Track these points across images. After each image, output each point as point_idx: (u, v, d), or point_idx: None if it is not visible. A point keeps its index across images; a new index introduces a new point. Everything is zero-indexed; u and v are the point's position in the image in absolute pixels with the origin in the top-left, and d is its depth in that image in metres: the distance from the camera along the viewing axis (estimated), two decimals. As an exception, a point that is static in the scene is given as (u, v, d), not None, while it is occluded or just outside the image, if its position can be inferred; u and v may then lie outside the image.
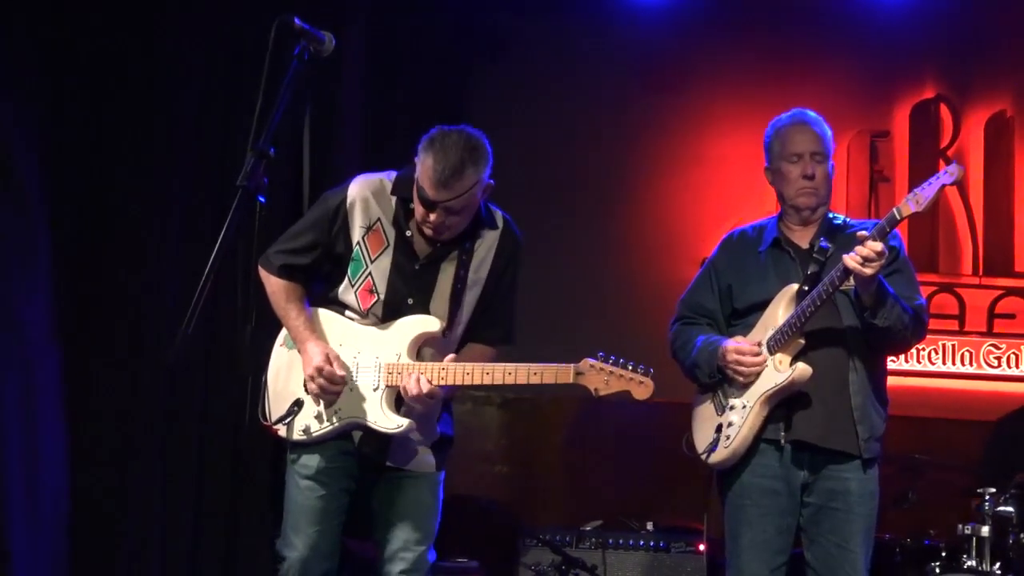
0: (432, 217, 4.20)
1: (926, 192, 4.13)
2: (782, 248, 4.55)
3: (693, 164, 6.67)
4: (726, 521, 4.54)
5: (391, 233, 4.33)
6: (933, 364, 6.57)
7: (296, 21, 3.77)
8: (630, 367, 4.22)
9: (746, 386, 4.41)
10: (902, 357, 6.31)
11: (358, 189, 4.36)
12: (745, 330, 4.51)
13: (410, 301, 4.33)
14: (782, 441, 4.40)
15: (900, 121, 6.73)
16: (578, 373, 4.26)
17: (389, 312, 4.33)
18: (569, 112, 6.65)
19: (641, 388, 4.21)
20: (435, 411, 4.40)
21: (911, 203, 4.15)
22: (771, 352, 4.38)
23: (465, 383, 4.28)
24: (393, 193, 4.34)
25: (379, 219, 4.33)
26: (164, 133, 5.66)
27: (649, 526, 5.84)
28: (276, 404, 4.36)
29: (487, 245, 4.40)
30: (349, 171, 5.35)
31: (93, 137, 5.58)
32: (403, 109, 6.17)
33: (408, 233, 4.32)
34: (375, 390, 4.28)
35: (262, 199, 3.58)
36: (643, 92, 6.68)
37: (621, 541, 5.75)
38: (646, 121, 6.68)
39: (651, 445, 6.11)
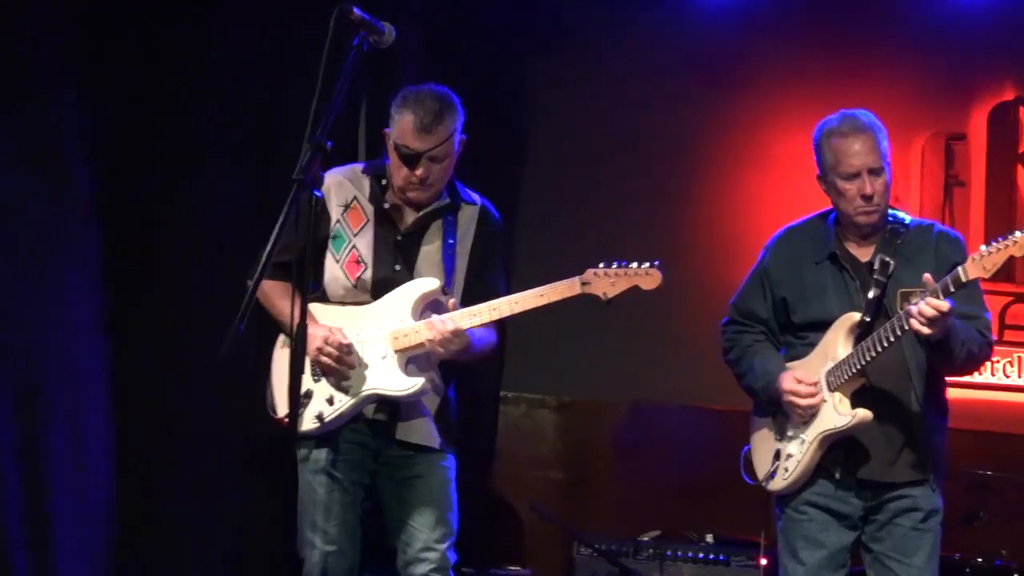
0: (418, 172, 4.41)
1: (995, 258, 4.01)
2: (840, 264, 4.47)
3: (755, 164, 6.60)
4: (782, 535, 4.53)
5: (369, 208, 4.54)
6: (1008, 377, 6.48)
7: (356, 11, 3.79)
8: (634, 264, 4.28)
9: (805, 420, 4.40)
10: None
11: (330, 177, 4.54)
12: (804, 349, 4.49)
13: (397, 267, 4.51)
14: (837, 475, 4.40)
15: (977, 124, 6.61)
16: (584, 283, 4.34)
17: (378, 283, 4.50)
18: (627, 107, 6.61)
19: (648, 279, 4.29)
20: (437, 380, 4.50)
21: (979, 267, 4.01)
22: (830, 388, 4.36)
23: (474, 324, 4.38)
24: (365, 173, 4.59)
25: (355, 196, 4.55)
26: (216, 122, 5.66)
27: (708, 538, 5.82)
28: (283, 399, 4.41)
29: (467, 218, 4.58)
30: None
31: (143, 127, 5.59)
32: (464, 98, 6.20)
33: (386, 205, 4.52)
34: (384, 358, 4.40)
35: (318, 193, 3.62)
36: (705, 89, 6.62)
37: (679, 553, 5.73)
38: (707, 119, 6.63)
39: (710, 452, 6.10)
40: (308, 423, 4.42)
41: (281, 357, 4.54)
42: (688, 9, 6.57)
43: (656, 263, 4.28)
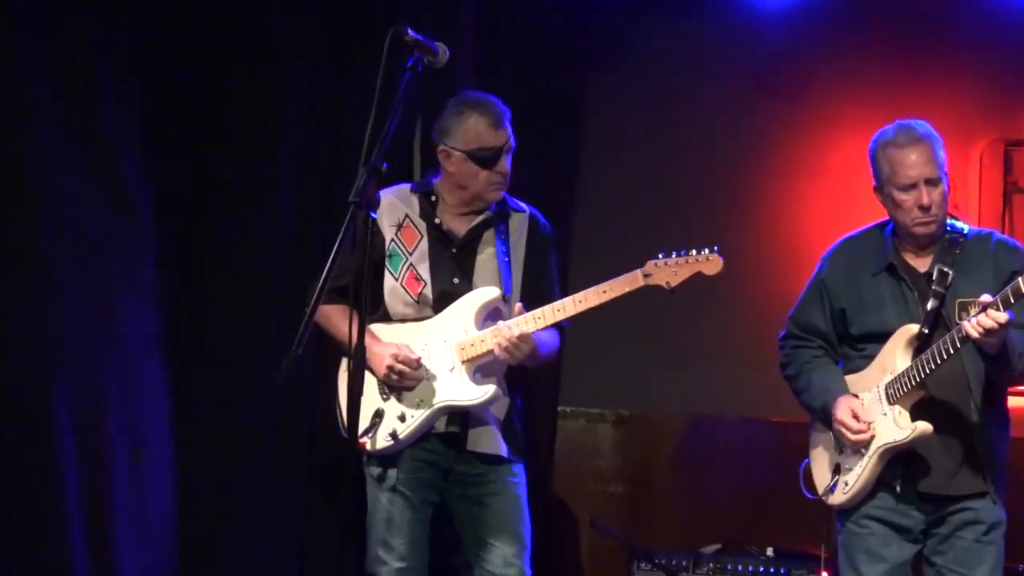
0: (500, 166, 4.55)
1: None
2: (898, 275, 4.46)
3: (812, 174, 6.56)
4: (843, 548, 4.53)
5: (421, 225, 4.63)
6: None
7: (409, 32, 3.85)
8: (694, 251, 4.37)
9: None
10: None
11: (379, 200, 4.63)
12: (862, 361, 4.49)
13: (455, 280, 4.60)
14: (898, 488, 4.39)
15: (1037, 129, 6.59)
16: (646, 275, 4.42)
17: (439, 297, 4.59)
18: (683, 118, 6.59)
19: (709, 264, 4.38)
20: (504, 388, 4.56)
21: None
22: (890, 401, 4.35)
23: (540, 326, 4.45)
24: (413, 192, 4.70)
25: (406, 215, 4.65)
26: (273, 142, 5.67)
27: (769, 551, 5.80)
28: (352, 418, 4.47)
29: (518, 226, 4.70)
30: None
31: (198, 145, 5.61)
32: (514, 122, 6.21)
33: (437, 221, 4.62)
34: (451, 370, 4.50)
35: (374, 215, 3.66)
36: (761, 97, 6.57)
37: (740, 566, 5.71)
38: (764, 128, 6.59)
39: (769, 465, 6.07)
40: (381, 441, 4.51)
41: (346, 380, 4.55)
42: (743, 17, 6.52)
43: (716, 248, 4.36)
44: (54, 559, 4.81)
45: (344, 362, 4.63)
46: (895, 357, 4.36)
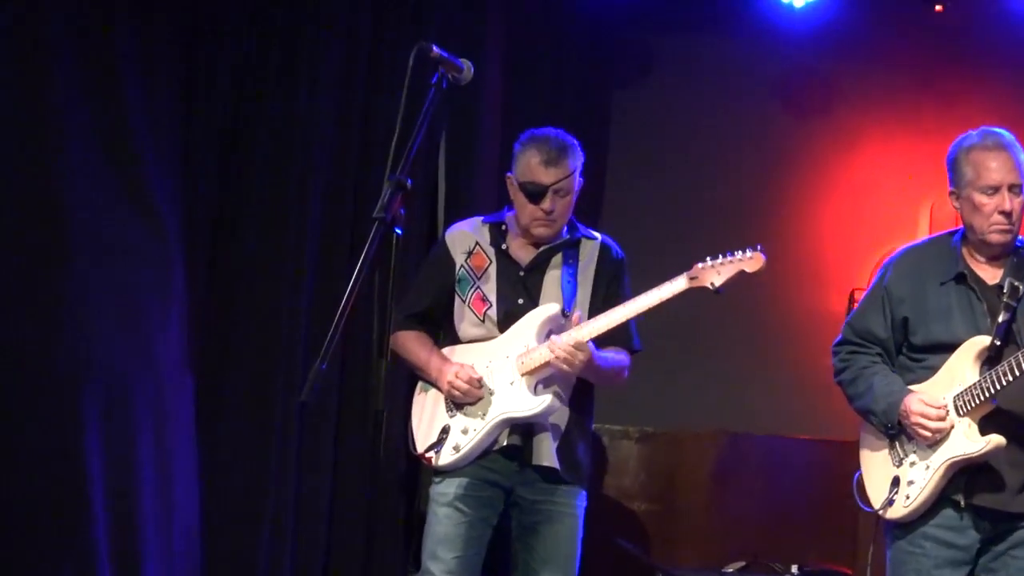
0: (545, 204, 4.66)
1: None
2: (968, 285, 4.38)
3: (843, 191, 6.57)
4: (892, 567, 4.44)
5: (490, 251, 4.82)
6: None
7: (434, 48, 3.85)
8: (736, 252, 4.50)
9: (931, 445, 4.32)
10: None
11: (452, 230, 4.94)
12: (922, 372, 4.41)
13: (520, 301, 4.77)
14: (962, 503, 4.30)
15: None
16: (691, 278, 4.53)
17: (504, 317, 4.77)
18: (714, 134, 6.62)
19: (751, 262, 4.48)
20: (564, 405, 4.68)
21: None
22: (959, 413, 4.27)
23: (595, 335, 4.57)
24: (484, 223, 4.88)
25: (476, 243, 4.85)
26: (300, 157, 5.69)
27: (794, 569, 5.79)
28: (423, 437, 4.79)
29: (588, 252, 4.84)
30: (486, 203, 5.67)
31: (225, 162, 5.65)
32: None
33: (504, 246, 4.80)
34: (512, 383, 4.65)
35: (399, 231, 3.62)
36: (791, 113, 6.62)
37: (765, 585, 5.69)
38: (794, 144, 6.61)
39: (794, 482, 6.10)
40: (446, 456, 4.69)
41: (419, 400, 4.85)
42: (769, 33, 6.52)
43: (759, 247, 4.44)
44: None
45: (420, 384, 4.87)
46: (964, 369, 4.28)
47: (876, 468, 4.48)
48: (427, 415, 4.81)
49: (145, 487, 5.17)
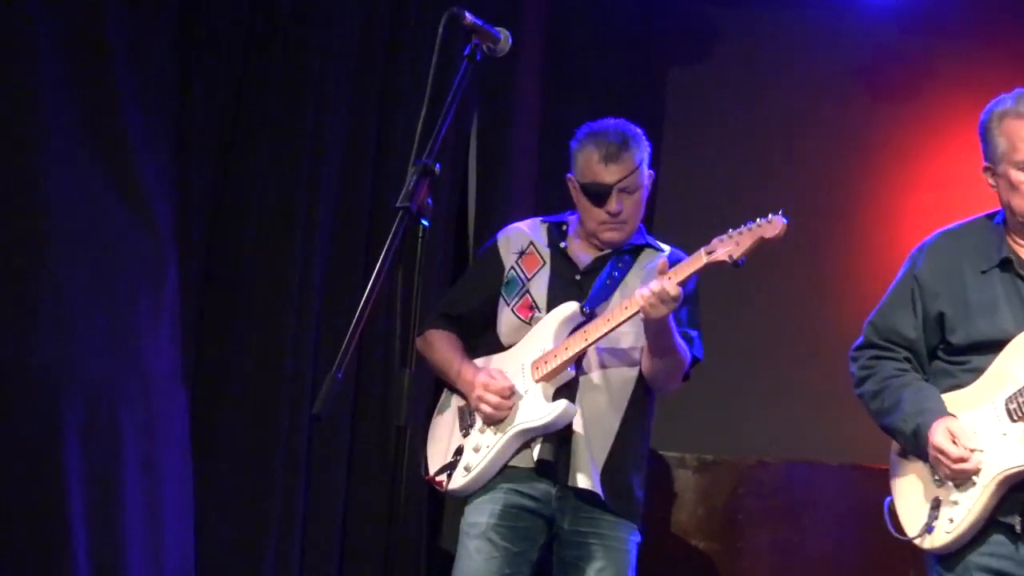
0: (610, 205, 4.54)
1: None
2: (1015, 272, 4.08)
3: (928, 185, 6.39)
4: None
5: (545, 252, 4.70)
6: None
7: (468, 16, 3.68)
8: (753, 221, 4.34)
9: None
10: None
11: (505, 230, 4.83)
12: (965, 376, 4.09)
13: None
14: (1017, 528, 3.96)
15: None
16: (709, 252, 4.37)
17: None
18: (781, 118, 6.49)
19: (769, 227, 4.31)
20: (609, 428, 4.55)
21: None
22: (1012, 418, 3.93)
23: (612, 326, 4.45)
24: (543, 222, 4.78)
25: (531, 242, 4.73)
26: (309, 140, 5.55)
27: (867, 610, 5.63)
28: (435, 459, 4.66)
29: (649, 261, 4.64)
30: (521, 193, 5.68)
31: (226, 146, 5.53)
32: (587, 117, 6.15)
33: (563, 245, 4.69)
34: (527, 392, 4.53)
35: (426, 223, 3.45)
36: (871, 96, 6.46)
37: (833, 628, 5.56)
38: (873, 131, 6.44)
39: (868, 515, 5.57)
40: (458, 479, 4.55)
41: (438, 423, 4.73)
42: (849, 8, 6.38)
43: (779, 212, 4.30)
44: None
45: (439, 404, 4.78)
46: (1017, 367, 3.97)
47: (911, 489, 4.16)
48: (443, 436, 4.69)
49: (130, 511, 5.00)
